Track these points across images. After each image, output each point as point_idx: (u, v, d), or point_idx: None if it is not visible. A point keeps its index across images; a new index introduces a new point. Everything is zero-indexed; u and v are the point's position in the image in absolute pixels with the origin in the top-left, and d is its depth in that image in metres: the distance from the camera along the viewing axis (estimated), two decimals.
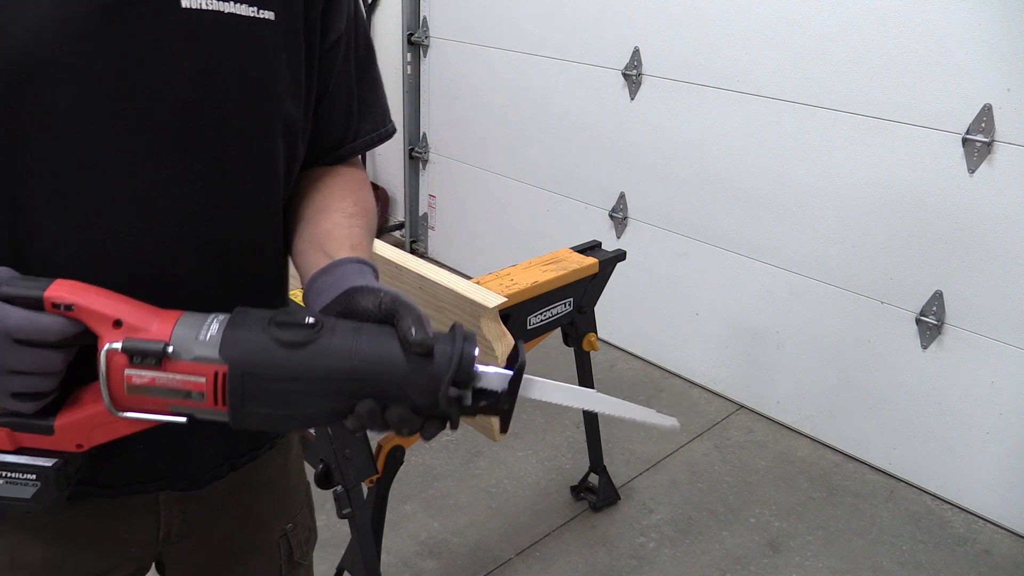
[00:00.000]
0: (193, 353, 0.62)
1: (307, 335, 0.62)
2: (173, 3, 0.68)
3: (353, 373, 0.62)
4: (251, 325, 0.63)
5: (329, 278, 0.73)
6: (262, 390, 0.62)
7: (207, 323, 0.63)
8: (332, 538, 2.09)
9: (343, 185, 0.87)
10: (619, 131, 2.88)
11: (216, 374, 0.62)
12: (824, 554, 2.13)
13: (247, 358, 0.62)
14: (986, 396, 2.22)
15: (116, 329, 0.62)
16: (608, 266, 1.90)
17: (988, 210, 2.09)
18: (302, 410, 0.64)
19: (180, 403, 0.63)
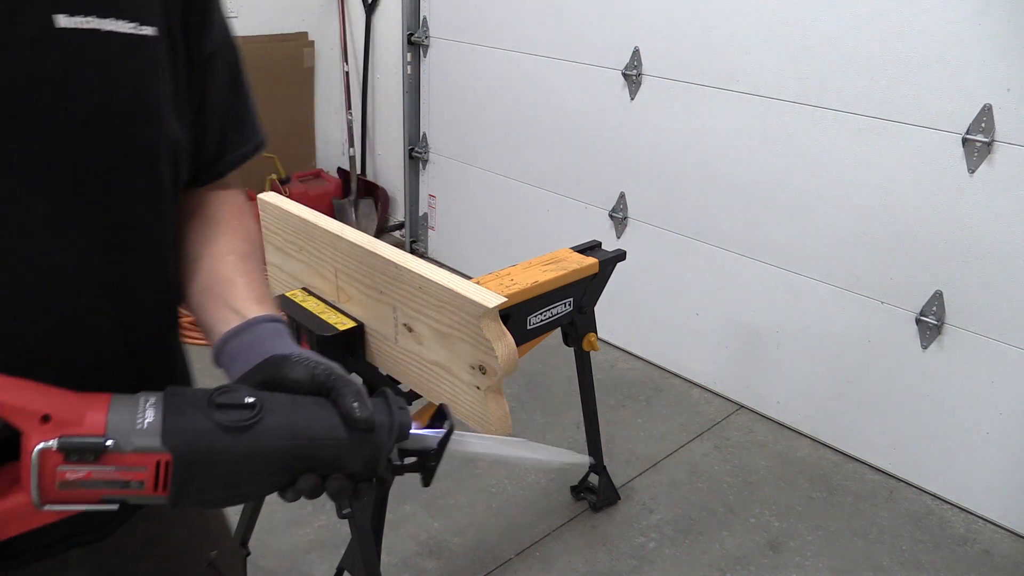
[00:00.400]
0: (133, 444, 0.58)
1: (249, 417, 0.61)
2: (47, 24, 0.61)
3: (296, 451, 0.62)
4: (190, 409, 0.61)
5: (243, 341, 0.71)
6: (206, 476, 0.60)
7: (141, 408, 0.60)
8: (332, 538, 2.09)
9: (229, 217, 0.83)
10: (619, 131, 2.88)
11: (158, 463, 0.59)
12: (824, 554, 2.13)
13: (191, 446, 0.59)
14: (986, 396, 2.22)
15: (45, 425, 0.57)
16: (608, 266, 1.90)
17: (988, 210, 2.09)
18: (244, 490, 0.63)
19: (115, 492, 0.59)
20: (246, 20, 3.74)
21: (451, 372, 1.23)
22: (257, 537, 1.95)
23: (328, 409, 0.64)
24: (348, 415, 0.64)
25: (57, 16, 0.62)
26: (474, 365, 1.17)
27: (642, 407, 2.77)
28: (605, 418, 2.49)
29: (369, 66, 3.84)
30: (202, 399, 0.61)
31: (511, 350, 1.14)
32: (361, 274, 1.31)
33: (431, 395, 1.32)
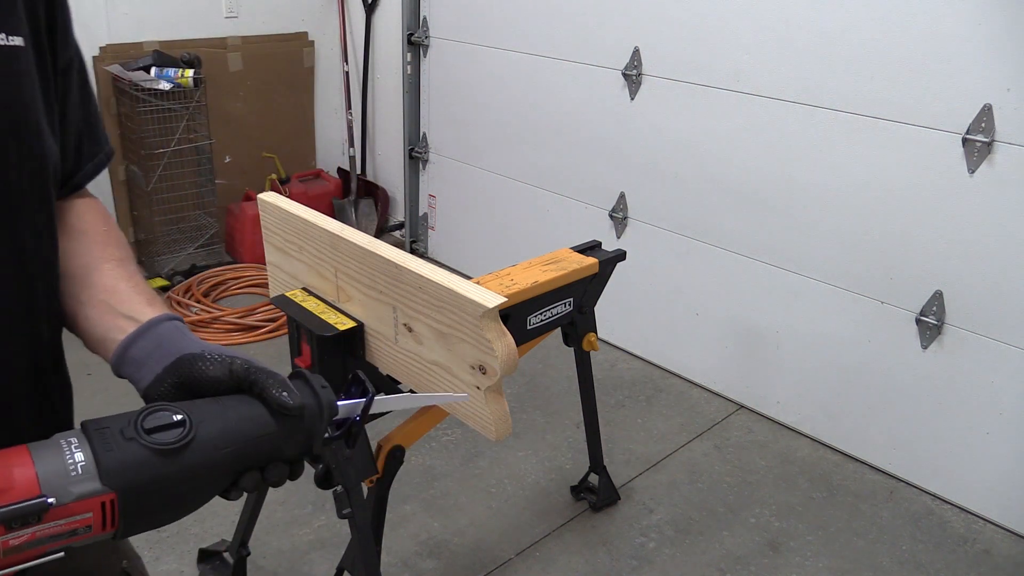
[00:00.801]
0: (74, 493, 0.55)
1: (181, 435, 0.60)
2: None
3: (234, 456, 0.62)
4: (120, 441, 0.58)
5: (146, 344, 0.69)
6: (152, 502, 0.59)
7: (66, 452, 0.56)
8: (332, 538, 2.09)
9: (95, 226, 0.79)
10: (619, 131, 2.88)
11: (103, 504, 0.56)
12: (824, 554, 2.13)
13: (133, 480, 0.57)
14: (986, 396, 2.22)
15: None
16: (608, 266, 1.90)
17: (988, 210, 2.09)
18: (189, 504, 0.62)
19: (64, 543, 0.57)
20: (246, 20, 3.74)
21: (451, 372, 1.23)
22: (257, 537, 1.95)
23: (253, 404, 0.64)
24: (280, 405, 0.63)
25: None
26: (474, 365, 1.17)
27: (642, 407, 2.77)
28: (605, 418, 2.49)
29: (369, 66, 3.84)
30: (128, 427, 0.59)
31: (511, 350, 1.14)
32: (361, 274, 1.31)
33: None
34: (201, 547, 1.94)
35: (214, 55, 3.61)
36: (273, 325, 3.11)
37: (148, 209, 3.40)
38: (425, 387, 1.32)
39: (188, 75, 3.27)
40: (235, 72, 3.72)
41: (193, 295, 3.27)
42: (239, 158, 3.81)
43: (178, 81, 3.25)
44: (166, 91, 3.21)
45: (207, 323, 3.10)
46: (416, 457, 2.42)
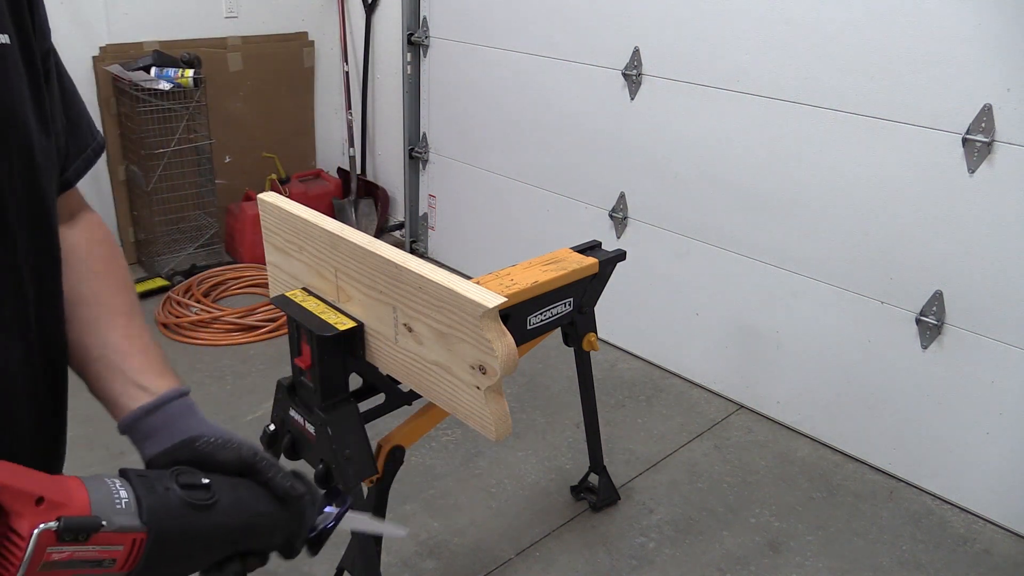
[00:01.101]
0: (116, 524, 0.60)
1: (209, 496, 0.65)
2: None
3: (244, 527, 0.67)
4: (158, 489, 0.63)
5: (156, 421, 0.72)
6: (171, 552, 0.63)
7: (113, 488, 0.61)
8: (332, 538, 2.09)
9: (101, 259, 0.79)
10: (619, 131, 2.88)
11: (134, 541, 0.60)
12: (824, 554, 2.13)
13: (166, 525, 0.62)
14: (986, 396, 2.22)
15: (39, 507, 0.57)
16: (608, 266, 1.90)
17: (988, 210, 2.09)
18: (187, 566, 0.66)
19: (86, 572, 0.60)
20: (246, 20, 3.74)
21: (451, 372, 1.23)
22: None
23: (257, 488, 0.70)
24: (286, 492, 0.69)
25: None
26: (474, 365, 1.17)
27: (642, 407, 2.77)
28: (605, 418, 2.49)
29: (369, 66, 3.84)
30: (167, 479, 0.64)
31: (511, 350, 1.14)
32: (361, 274, 1.31)
33: (431, 395, 1.32)
34: None
35: (214, 55, 3.61)
36: (273, 325, 3.11)
37: (148, 209, 3.40)
38: (425, 387, 1.32)
39: (188, 75, 3.27)
40: (235, 72, 3.72)
41: (193, 295, 3.27)
42: (239, 158, 3.81)
43: (178, 81, 3.25)
44: (166, 91, 3.21)
45: (207, 323, 3.10)
46: (416, 457, 2.42)
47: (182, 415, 0.73)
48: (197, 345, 3.03)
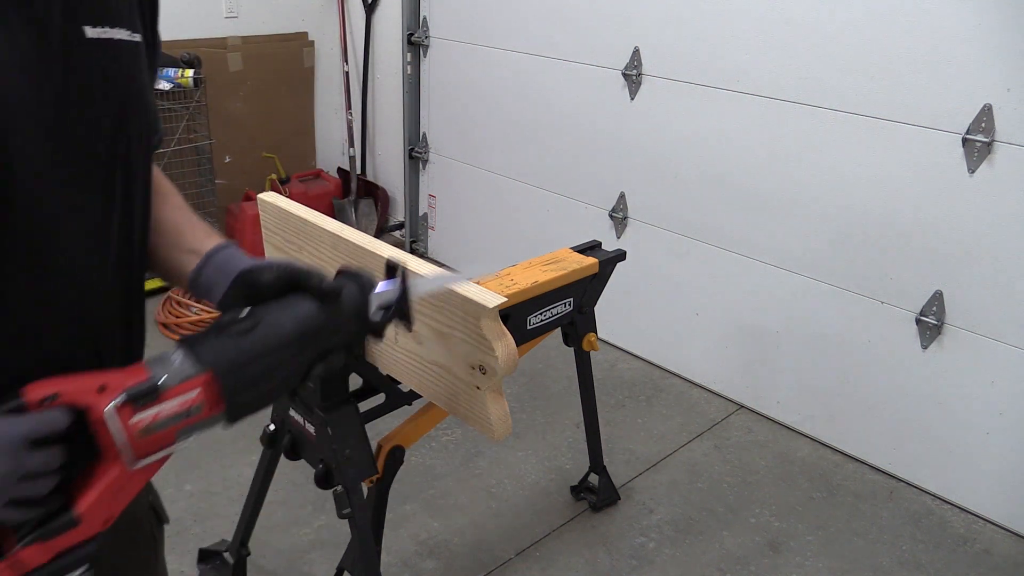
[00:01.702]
0: (178, 376, 0.68)
1: (249, 323, 0.73)
2: (79, 34, 0.68)
3: (296, 333, 0.74)
4: (203, 339, 0.71)
5: (211, 271, 0.83)
6: (244, 378, 0.71)
7: (166, 356, 0.69)
8: (332, 538, 2.09)
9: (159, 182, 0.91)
10: (619, 131, 2.88)
11: (205, 383, 0.68)
12: (824, 554, 2.13)
13: (220, 359, 0.70)
14: (986, 396, 2.22)
15: (103, 393, 0.65)
16: (608, 266, 1.90)
17: (988, 210, 2.09)
18: (274, 382, 0.74)
19: (184, 424, 0.68)
20: (246, 20, 3.74)
21: (451, 372, 1.23)
22: (257, 537, 1.95)
23: (303, 297, 0.77)
24: (319, 291, 0.77)
25: (86, 28, 0.69)
26: (474, 365, 1.17)
27: (642, 407, 2.77)
28: (605, 418, 2.49)
29: (369, 66, 3.84)
30: (208, 331, 0.73)
31: (511, 350, 1.14)
32: None
33: (431, 395, 1.32)
34: (201, 547, 1.94)
35: (214, 55, 3.61)
36: None
37: None
38: (425, 387, 1.32)
39: (188, 75, 3.27)
40: (235, 72, 3.72)
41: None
42: (239, 158, 3.81)
43: (178, 81, 3.25)
44: (166, 91, 3.21)
45: (207, 323, 3.10)
46: (416, 457, 2.42)
47: (228, 260, 0.83)
48: None
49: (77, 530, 0.67)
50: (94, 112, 0.70)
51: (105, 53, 0.71)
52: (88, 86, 0.69)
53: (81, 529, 0.67)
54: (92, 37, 0.69)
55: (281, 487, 2.23)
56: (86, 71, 0.69)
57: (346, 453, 1.43)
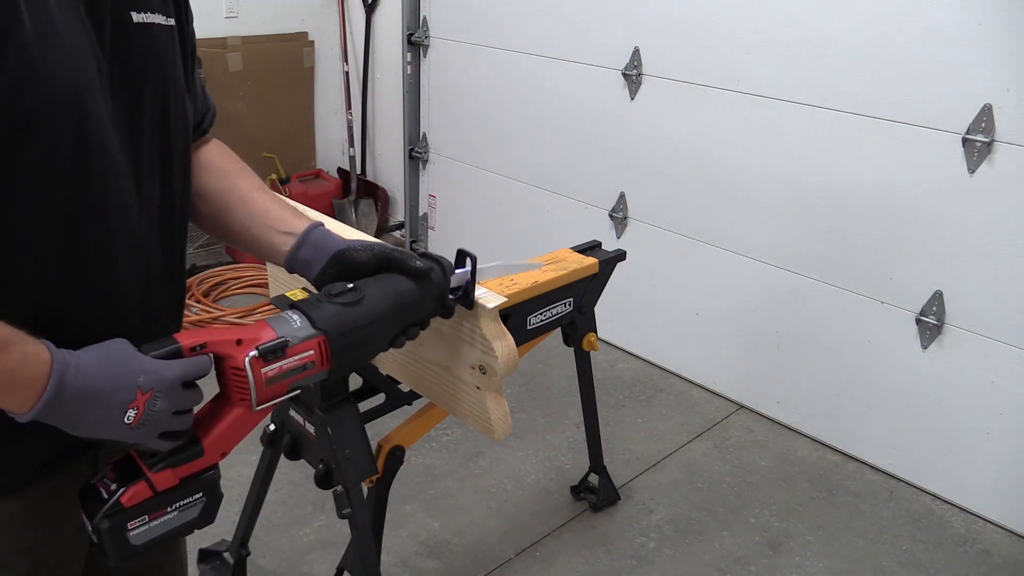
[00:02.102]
0: (300, 336, 0.81)
1: (356, 296, 0.86)
2: (127, 19, 0.77)
3: (395, 307, 0.88)
4: (319, 305, 0.84)
5: (308, 249, 0.94)
6: (349, 341, 0.84)
7: (288, 317, 0.83)
8: (332, 538, 2.09)
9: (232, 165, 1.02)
10: (619, 131, 2.88)
11: (319, 344, 0.82)
12: (824, 554, 2.13)
13: (334, 324, 0.83)
14: (986, 396, 2.22)
15: (240, 347, 0.78)
16: (608, 266, 1.90)
17: (988, 210, 2.09)
18: (370, 348, 0.89)
19: (298, 378, 0.81)
20: (246, 20, 3.74)
21: (451, 372, 1.23)
22: (257, 537, 1.95)
23: (396, 275, 0.91)
24: (416, 271, 0.91)
25: (132, 13, 0.78)
26: (474, 365, 1.17)
27: (642, 407, 2.77)
28: (605, 418, 2.49)
29: (369, 66, 3.84)
30: (324, 297, 0.86)
31: (511, 350, 1.14)
32: None
33: (431, 395, 1.32)
34: (201, 547, 1.94)
35: (214, 55, 3.61)
36: None
37: None
38: (425, 387, 1.32)
39: None
40: (235, 72, 3.72)
41: (193, 295, 3.27)
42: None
43: None
44: None
45: (207, 323, 3.10)
46: (416, 457, 2.42)
47: (323, 240, 0.94)
48: None
49: (201, 460, 0.79)
50: (139, 88, 0.79)
51: (147, 36, 0.80)
52: (132, 64, 0.78)
53: (205, 459, 0.79)
54: (137, 22, 0.78)
55: (281, 487, 2.23)
56: (133, 52, 0.78)
57: (346, 453, 1.43)
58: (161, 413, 0.73)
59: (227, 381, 0.79)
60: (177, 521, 0.79)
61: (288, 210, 0.98)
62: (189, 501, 0.79)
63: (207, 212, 0.99)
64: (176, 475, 0.78)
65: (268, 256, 0.98)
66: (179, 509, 0.79)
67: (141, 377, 0.72)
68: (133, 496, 0.76)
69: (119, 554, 0.76)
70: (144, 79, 0.80)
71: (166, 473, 0.77)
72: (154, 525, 0.77)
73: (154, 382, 0.72)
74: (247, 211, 0.97)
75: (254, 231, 0.96)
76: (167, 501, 0.78)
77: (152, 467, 0.76)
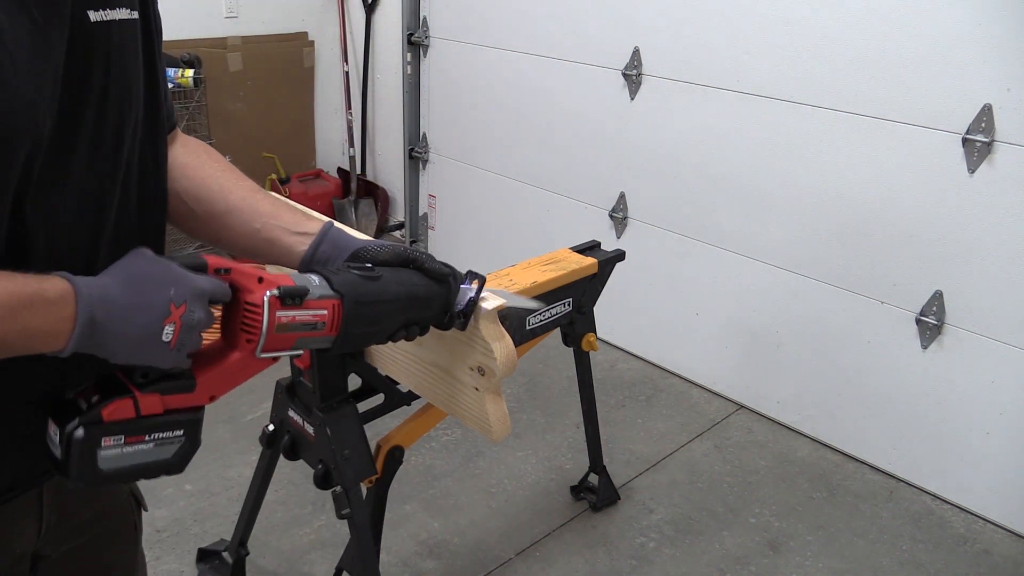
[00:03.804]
0: (318, 293, 0.80)
1: (376, 272, 0.87)
2: (84, 19, 0.71)
3: (407, 295, 0.89)
4: (337, 272, 0.84)
5: (326, 248, 0.93)
6: (360, 314, 0.84)
7: (308, 276, 0.82)
8: (332, 538, 2.09)
9: (221, 164, 0.98)
10: (619, 131, 2.88)
11: (334, 306, 0.81)
12: (824, 554, 2.13)
13: (352, 289, 0.83)
14: (986, 396, 2.21)
15: (261, 284, 0.76)
16: (607, 266, 1.90)
17: (988, 210, 2.09)
18: (378, 327, 0.88)
19: (305, 335, 0.80)
20: (246, 20, 3.74)
21: (450, 373, 1.23)
22: (257, 537, 1.95)
23: (413, 272, 0.92)
24: (436, 272, 0.93)
25: (89, 12, 0.72)
26: (473, 366, 1.17)
27: (642, 407, 2.77)
28: (605, 418, 2.49)
29: (369, 66, 3.84)
30: (343, 267, 0.86)
31: (510, 352, 1.14)
32: None
33: (430, 396, 1.32)
34: (200, 547, 1.95)
35: (214, 55, 3.61)
36: None
37: None
38: (424, 388, 1.32)
39: (188, 75, 3.27)
40: (235, 72, 3.72)
41: None
42: (239, 158, 3.81)
43: (178, 81, 3.25)
44: None
45: None
46: (416, 457, 2.42)
47: (340, 239, 0.94)
48: None
49: (190, 395, 0.75)
50: (96, 93, 0.74)
51: (104, 34, 0.74)
52: (89, 67, 0.72)
53: (193, 395, 0.75)
54: (95, 20, 0.72)
55: (281, 487, 2.24)
56: (88, 54, 0.72)
57: (345, 453, 1.43)
58: (198, 325, 0.71)
59: (237, 318, 0.76)
60: (151, 456, 0.73)
61: (296, 211, 0.97)
62: (168, 436, 0.74)
63: (200, 213, 0.94)
64: (163, 403, 0.73)
65: (277, 258, 0.95)
66: (156, 442, 0.73)
67: (172, 289, 0.69)
68: (115, 411, 0.71)
69: (82, 472, 0.70)
70: (100, 79, 0.74)
71: (154, 397, 0.72)
72: (128, 452, 0.72)
73: (186, 293, 0.70)
74: (254, 213, 0.94)
75: (264, 234, 0.93)
76: (147, 427, 0.73)
77: (141, 388, 0.72)
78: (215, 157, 0.98)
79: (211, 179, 0.94)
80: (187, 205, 0.93)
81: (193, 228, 0.97)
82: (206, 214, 0.94)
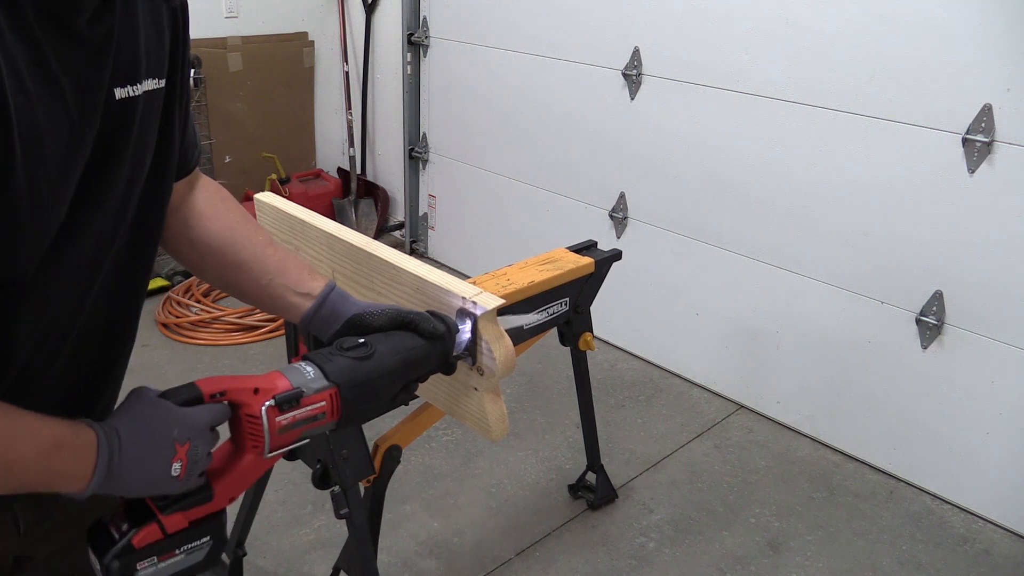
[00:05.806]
0: (313, 388, 0.83)
1: (368, 351, 0.89)
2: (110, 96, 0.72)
3: (404, 362, 0.92)
4: (331, 357, 0.87)
5: (325, 312, 0.97)
6: (359, 393, 0.87)
7: (300, 368, 0.85)
8: (331, 538, 2.09)
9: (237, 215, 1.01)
10: (619, 131, 2.88)
11: (331, 395, 0.84)
12: (824, 554, 2.13)
13: (346, 378, 0.86)
14: (986, 396, 2.21)
15: (257, 395, 0.80)
16: (604, 266, 1.90)
17: (988, 210, 2.09)
18: (379, 401, 0.91)
19: (308, 427, 0.84)
20: (246, 20, 3.74)
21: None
22: (256, 537, 1.96)
23: (408, 334, 0.94)
24: (431, 333, 0.94)
25: (116, 89, 0.73)
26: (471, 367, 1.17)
27: (642, 407, 2.77)
28: (605, 418, 2.49)
29: (369, 66, 3.84)
30: (335, 351, 0.88)
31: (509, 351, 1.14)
32: (358, 275, 1.31)
33: (428, 396, 1.32)
34: None
35: (214, 55, 3.61)
36: (272, 325, 3.11)
37: None
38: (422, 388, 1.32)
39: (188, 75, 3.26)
40: (235, 72, 3.72)
41: (193, 295, 3.27)
42: (239, 158, 3.81)
43: None
44: None
45: (207, 323, 3.10)
46: (416, 457, 2.42)
47: (339, 303, 0.97)
48: (197, 345, 3.04)
49: (211, 503, 0.81)
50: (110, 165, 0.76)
51: (129, 112, 0.76)
52: (108, 144, 0.74)
53: (213, 503, 0.81)
54: (120, 98, 0.74)
55: (281, 487, 2.24)
56: (111, 131, 0.74)
57: (343, 453, 1.43)
58: (204, 457, 0.77)
59: (241, 428, 0.81)
60: (184, 563, 0.80)
61: (302, 269, 1.00)
62: (197, 544, 0.81)
63: (214, 265, 0.99)
64: (187, 518, 0.79)
65: (282, 313, 1.00)
66: (186, 552, 0.80)
67: (175, 430, 0.75)
68: (144, 537, 0.77)
69: None
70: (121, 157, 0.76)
71: (177, 516, 0.78)
72: (162, 567, 0.79)
73: (189, 431, 0.75)
74: (262, 269, 0.98)
75: (270, 290, 0.98)
76: (176, 543, 0.79)
77: (164, 509, 0.78)
78: (231, 205, 1.02)
79: (226, 231, 0.99)
80: (200, 255, 0.98)
81: (203, 274, 1.02)
82: (218, 265, 0.99)
